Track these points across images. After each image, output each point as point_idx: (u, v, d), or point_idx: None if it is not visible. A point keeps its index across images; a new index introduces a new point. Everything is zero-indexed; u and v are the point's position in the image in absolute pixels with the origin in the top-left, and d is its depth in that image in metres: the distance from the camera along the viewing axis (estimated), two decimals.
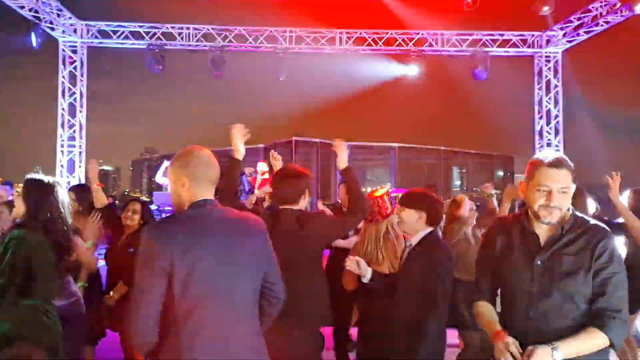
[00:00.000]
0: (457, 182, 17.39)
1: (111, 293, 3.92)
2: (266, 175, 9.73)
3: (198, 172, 1.89)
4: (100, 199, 4.19)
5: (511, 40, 12.00)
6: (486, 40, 11.88)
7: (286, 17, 11.35)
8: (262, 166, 10.70)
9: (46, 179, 2.91)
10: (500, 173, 16.90)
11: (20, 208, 2.86)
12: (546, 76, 12.23)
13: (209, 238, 1.84)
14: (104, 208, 4.23)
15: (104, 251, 4.36)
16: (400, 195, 3.31)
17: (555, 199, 1.83)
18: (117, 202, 11.52)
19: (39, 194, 2.84)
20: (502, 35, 11.98)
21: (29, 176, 2.96)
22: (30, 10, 10.40)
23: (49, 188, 2.87)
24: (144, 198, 13.01)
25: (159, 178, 9.53)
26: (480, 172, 16.38)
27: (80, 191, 4.62)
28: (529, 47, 12.09)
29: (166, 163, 4.11)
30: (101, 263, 4.39)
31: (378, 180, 15.87)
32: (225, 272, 1.84)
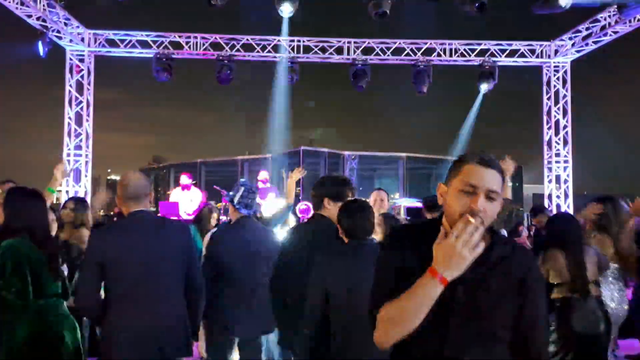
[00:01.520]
0: None
1: None
2: (268, 184, 9.69)
3: (128, 192, 2.67)
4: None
5: (519, 50, 11.95)
6: (494, 50, 11.84)
7: (294, 27, 11.29)
8: (263, 175, 10.60)
9: (29, 188, 3.15)
10: (509, 183, 16.75)
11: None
12: (555, 86, 12.16)
13: (135, 237, 2.63)
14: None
15: None
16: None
17: (481, 203, 1.47)
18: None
19: (19, 203, 3.01)
20: (510, 44, 11.94)
21: (12, 186, 3.31)
22: (37, 19, 10.39)
23: (31, 198, 3.06)
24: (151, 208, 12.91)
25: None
26: None
27: (79, 203, 4.64)
28: (537, 57, 12.04)
29: (242, 190, 4.06)
30: None
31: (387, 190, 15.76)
32: (148, 262, 2.60)
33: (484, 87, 11.82)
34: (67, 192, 10.88)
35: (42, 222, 3.02)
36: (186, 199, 9.55)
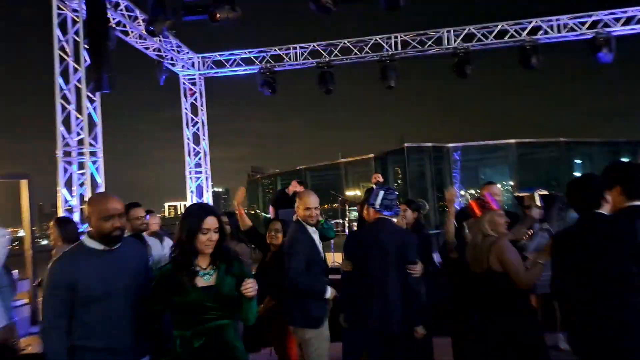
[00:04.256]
0: (577, 174, 16.23)
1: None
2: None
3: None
4: (245, 222, 4.75)
5: (636, 16, 11.06)
6: (607, 20, 11.05)
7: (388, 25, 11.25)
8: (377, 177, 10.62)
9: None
10: (627, 160, 15.56)
11: None
12: None
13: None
14: (250, 229, 4.77)
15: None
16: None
17: None
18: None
19: None
20: (624, 12, 11.09)
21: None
22: (154, 50, 11.27)
23: None
24: (264, 214, 13.50)
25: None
26: (605, 161, 15.15)
27: (230, 216, 5.00)
28: None
29: (381, 193, 4.22)
30: None
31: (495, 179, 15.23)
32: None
33: (601, 60, 11.07)
34: None
35: None
36: None
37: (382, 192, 3.96)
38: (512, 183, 13.87)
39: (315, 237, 4.01)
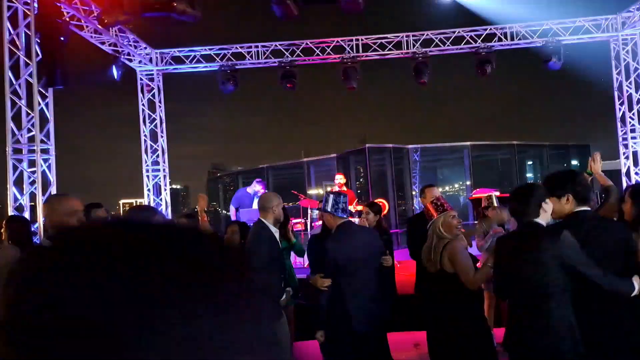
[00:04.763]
0: (530, 175, 16.89)
1: None
2: (344, 188, 9.82)
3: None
4: (206, 228, 4.78)
5: (584, 26, 11.60)
6: (557, 29, 11.55)
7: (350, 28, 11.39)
8: (339, 178, 10.77)
9: None
10: (576, 163, 16.32)
11: None
12: (624, 59, 11.73)
13: None
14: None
15: None
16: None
17: None
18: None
19: None
20: (573, 22, 11.61)
21: None
22: (110, 45, 10.98)
23: None
24: (224, 212, 13.42)
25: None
26: (555, 163, 15.85)
27: (190, 218, 5.04)
28: (603, 32, 11.64)
29: (331, 197, 4.35)
30: None
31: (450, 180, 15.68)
32: None
33: (551, 68, 11.58)
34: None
35: None
36: None
37: (332, 197, 4.06)
38: (468, 183, 14.31)
39: (277, 236, 4.10)
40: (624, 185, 11.15)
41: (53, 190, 8.03)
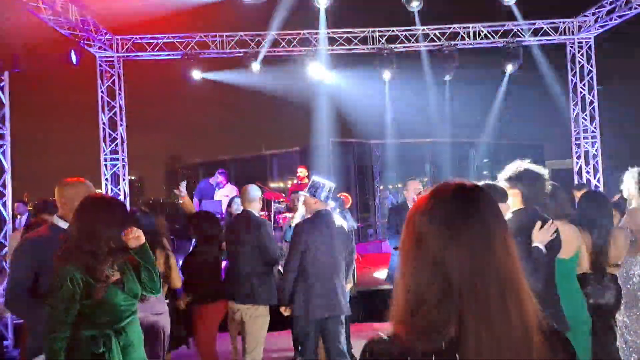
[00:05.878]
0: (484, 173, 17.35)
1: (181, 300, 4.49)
2: (305, 181, 9.85)
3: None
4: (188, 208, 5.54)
5: (542, 28, 12.00)
6: (517, 30, 11.89)
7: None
8: (301, 172, 10.80)
9: None
10: (528, 161, 16.80)
11: None
12: (579, 62, 12.22)
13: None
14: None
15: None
16: None
17: None
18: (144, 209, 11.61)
19: None
20: (533, 24, 11.99)
21: None
22: (69, 29, 10.57)
23: None
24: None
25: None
26: (510, 162, 16.27)
27: (146, 216, 5.04)
28: (560, 34, 12.08)
29: (323, 186, 4.58)
30: None
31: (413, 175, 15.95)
32: None
33: (509, 69, 11.94)
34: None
35: None
36: (223, 197, 9.78)
37: (326, 186, 4.43)
38: (426, 179, 14.60)
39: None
40: (575, 183, 11.66)
41: (7, 178, 7.72)
